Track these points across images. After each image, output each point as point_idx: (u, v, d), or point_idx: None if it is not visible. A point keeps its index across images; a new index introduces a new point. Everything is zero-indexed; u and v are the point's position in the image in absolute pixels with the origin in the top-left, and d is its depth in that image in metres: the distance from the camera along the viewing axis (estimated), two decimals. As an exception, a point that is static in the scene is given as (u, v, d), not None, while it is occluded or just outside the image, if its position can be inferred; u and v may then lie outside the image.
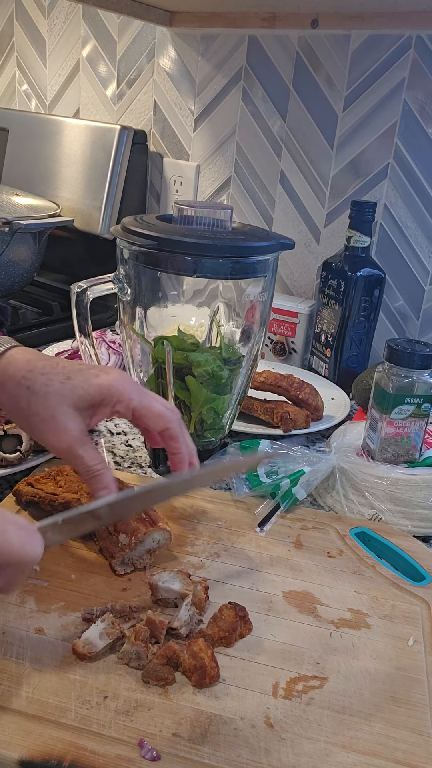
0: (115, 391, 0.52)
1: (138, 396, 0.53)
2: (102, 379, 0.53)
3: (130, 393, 0.53)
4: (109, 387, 0.52)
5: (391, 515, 0.67)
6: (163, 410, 0.54)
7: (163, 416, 0.54)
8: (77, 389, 0.52)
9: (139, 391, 0.54)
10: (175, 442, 0.55)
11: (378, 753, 0.42)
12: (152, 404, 0.54)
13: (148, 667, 0.45)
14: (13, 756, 0.39)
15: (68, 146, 1.23)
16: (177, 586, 0.52)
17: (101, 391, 0.52)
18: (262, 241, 0.65)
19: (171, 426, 0.55)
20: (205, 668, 0.45)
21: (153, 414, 0.54)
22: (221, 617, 0.50)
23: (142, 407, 0.53)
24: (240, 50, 1.13)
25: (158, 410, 0.54)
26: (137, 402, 0.53)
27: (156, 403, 0.55)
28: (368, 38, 1.02)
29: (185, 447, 0.56)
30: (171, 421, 0.55)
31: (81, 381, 0.52)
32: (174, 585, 0.52)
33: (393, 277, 1.09)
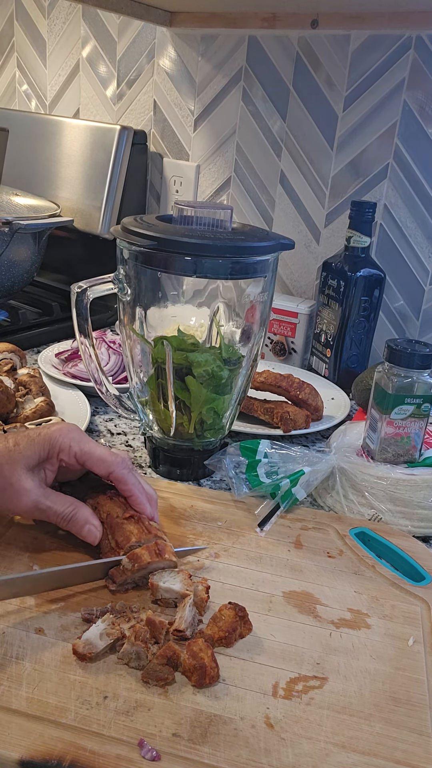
0: (55, 442, 0.55)
1: (78, 444, 0.56)
2: (44, 434, 0.56)
3: (70, 441, 0.56)
4: (50, 439, 0.55)
5: (391, 515, 0.67)
6: (105, 455, 0.57)
7: (104, 461, 0.56)
8: (25, 451, 0.55)
9: (80, 440, 0.56)
10: (123, 485, 0.57)
11: (378, 753, 0.42)
12: (93, 450, 0.56)
13: (148, 667, 0.45)
14: (13, 756, 0.39)
15: (68, 146, 1.23)
16: (178, 586, 0.52)
17: (44, 445, 0.55)
18: (262, 241, 0.65)
19: (114, 470, 0.57)
20: (205, 668, 0.45)
21: (95, 459, 0.56)
22: (221, 617, 0.50)
23: (83, 453, 0.56)
24: (240, 50, 1.13)
25: (99, 455, 0.56)
26: (77, 449, 0.56)
27: (99, 449, 0.57)
28: (368, 38, 1.02)
29: (137, 489, 0.58)
30: (113, 465, 0.57)
31: (26, 443, 0.55)
32: (175, 585, 0.52)
33: (393, 277, 1.09)
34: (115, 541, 0.56)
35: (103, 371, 0.72)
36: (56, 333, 1.12)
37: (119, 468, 0.57)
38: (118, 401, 0.74)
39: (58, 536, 0.60)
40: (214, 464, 0.72)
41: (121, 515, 0.57)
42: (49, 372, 0.92)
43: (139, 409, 0.75)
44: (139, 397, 0.74)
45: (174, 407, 0.69)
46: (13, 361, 0.85)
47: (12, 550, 0.57)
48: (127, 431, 0.85)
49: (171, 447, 0.73)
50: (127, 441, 0.83)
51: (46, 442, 0.55)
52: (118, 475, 0.57)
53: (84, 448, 0.56)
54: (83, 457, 0.56)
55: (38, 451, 0.55)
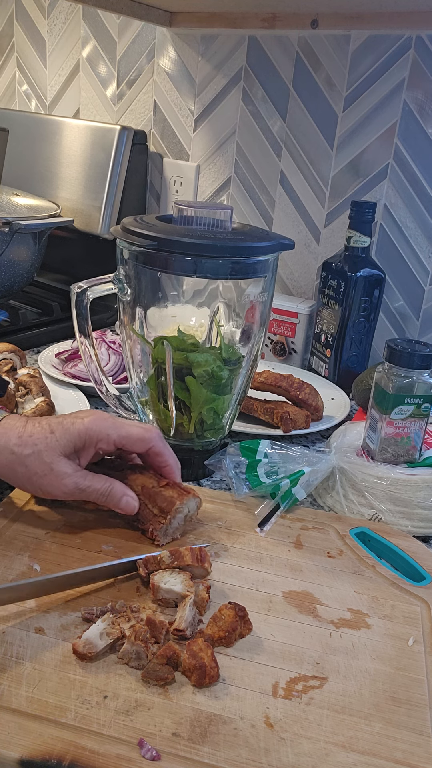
0: (93, 433, 0.59)
1: (115, 430, 0.60)
2: (78, 425, 0.59)
3: (107, 430, 0.59)
4: (87, 431, 0.59)
5: (391, 515, 0.67)
6: (141, 433, 0.61)
7: (143, 438, 0.61)
8: (61, 440, 0.58)
9: (115, 425, 0.60)
10: (161, 456, 0.62)
11: (378, 753, 0.42)
12: (130, 432, 0.60)
13: (148, 667, 0.45)
14: (13, 755, 0.39)
15: (68, 146, 1.23)
16: (179, 587, 0.52)
17: (80, 436, 0.59)
18: (262, 241, 0.65)
19: (154, 444, 0.61)
20: (204, 668, 0.45)
21: (134, 440, 0.60)
22: (221, 617, 0.50)
23: (121, 438, 0.60)
24: (240, 50, 1.13)
25: (138, 435, 0.60)
26: (116, 436, 0.60)
27: (134, 429, 0.61)
28: (368, 38, 1.02)
29: (172, 458, 0.63)
30: (152, 440, 0.61)
31: (62, 432, 0.58)
32: (176, 587, 0.52)
33: (393, 278, 1.09)
34: (158, 507, 0.60)
35: (103, 371, 0.72)
36: (56, 333, 1.12)
37: (157, 442, 0.61)
38: (118, 401, 0.74)
39: (58, 536, 0.60)
40: (214, 464, 0.72)
41: (157, 485, 0.62)
42: (49, 372, 0.92)
43: (139, 409, 0.75)
44: (139, 397, 0.74)
45: (174, 407, 0.69)
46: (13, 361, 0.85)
47: (12, 550, 0.57)
48: (127, 431, 0.85)
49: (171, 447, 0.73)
50: (127, 441, 0.83)
51: (82, 433, 0.58)
52: (156, 449, 0.61)
53: (122, 432, 0.59)
54: (122, 441, 0.60)
55: (74, 441, 0.58)
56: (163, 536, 0.60)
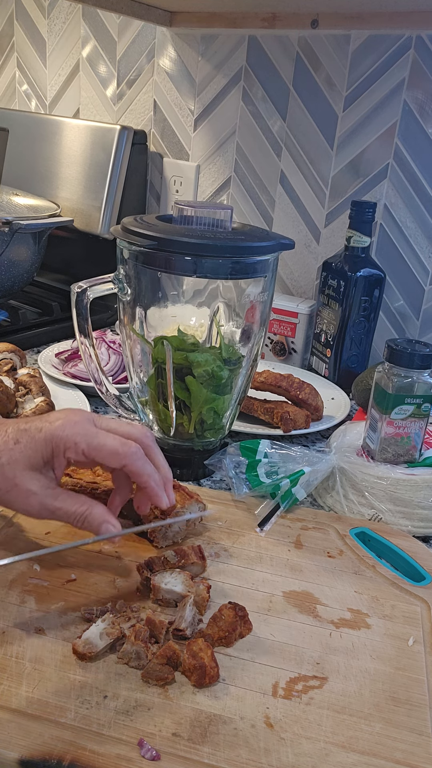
0: (59, 441, 0.50)
1: (85, 438, 0.51)
2: (44, 432, 0.51)
3: (76, 437, 0.50)
4: (52, 437, 0.50)
5: (391, 515, 0.67)
6: (116, 446, 0.51)
7: (117, 453, 0.51)
8: (26, 450, 0.50)
9: (87, 433, 0.51)
10: (137, 477, 0.53)
11: (377, 753, 0.42)
12: (104, 443, 0.51)
13: (148, 667, 0.45)
14: (13, 755, 0.39)
15: (68, 146, 1.23)
16: (180, 588, 0.52)
17: (47, 443, 0.51)
18: (262, 241, 0.65)
19: (128, 462, 0.51)
20: (204, 668, 0.45)
21: (106, 452, 0.51)
22: (221, 617, 0.50)
23: (91, 449, 0.51)
24: (240, 50, 1.13)
25: (111, 447, 0.51)
26: (85, 445, 0.51)
27: (108, 440, 0.51)
28: (368, 38, 1.02)
29: (152, 479, 0.53)
30: (126, 456, 0.51)
31: (27, 440, 0.51)
32: (177, 587, 0.52)
33: (393, 277, 1.09)
34: (159, 509, 0.58)
35: (103, 371, 0.72)
36: (56, 333, 1.12)
37: (132, 460, 0.51)
38: (118, 401, 0.74)
39: (58, 536, 0.60)
40: (214, 464, 0.72)
41: None
42: (49, 372, 0.92)
43: (139, 409, 0.75)
44: (139, 397, 0.74)
45: (174, 407, 0.69)
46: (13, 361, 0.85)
47: (12, 550, 0.57)
48: (127, 431, 0.85)
49: (171, 447, 0.73)
50: (127, 441, 0.83)
51: (48, 440, 0.51)
52: (131, 468, 0.52)
53: (92, 442, 0.51)
54: (92, 453, 0.51)
55: (41, 450, 0.51)
56: (162, 539, 0.60)
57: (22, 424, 0.52)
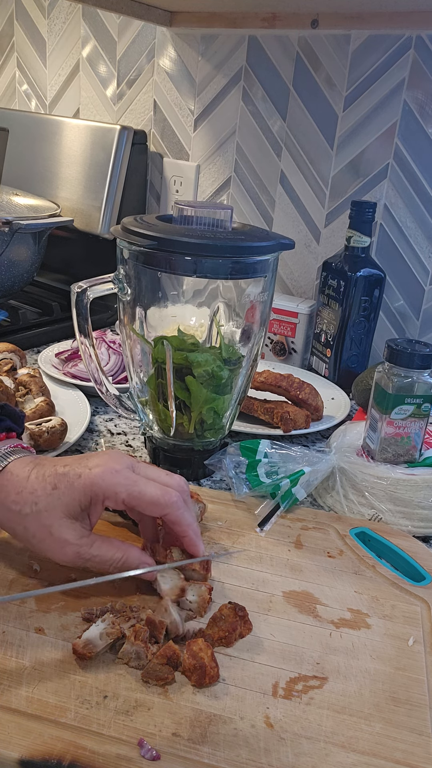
0: (99, 490, 0.50)
1: (125, 488, 0.50)
2: (84, 479, 0.50)
3: (116, 487, 0.50)
4: (92, 485, 0.50)
5: (391, 515, 0.67)
6: (157, 497, 0.51)
7: (157, 503, 0.51)
8: (64, 497, 0.50)
9: (128, 481, 0.51)
10: (178, 526, 0.52)
11: (377, 753, 0.42)
12: (144, 491, 0.51)
13: (148, 667, 0.45)
14: (13, 755, 0.39)
15: (68, 146, 1.23)
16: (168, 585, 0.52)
17: (86, 492, 0.50)
18: (262, 241, 0.65)
19: (170, 512, 0.51)
20: (204, 668, 0.45)
21: (146, 502, 0.51)
22: (221, 617, 0.50)
23: (131, 498, 0.50)
24: (240, 50, 1.13)
25: (151, 497, 0.51)
26: (125, 494, 0.50)
27: (149, 489, 0.51)
28: (368, 38, 1.02)
29: (191, 528, 0.53)
30: (168, 506, 0.51)
31: (65, 487, 0.50)
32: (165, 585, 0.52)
33: (393, 277, 1.09)
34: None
35: (103, 371, 0.72)
36: (56, 333, 1.12)
37: (174, 509, 0.51)
38: (118, 401, 0.74)
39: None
40: (214, 464, 0.72)
41: None
42: (49, 372, 0.92)
43: (139, 409, 0.75)
44: (139, 397, 0.74)
45: (174, 407, 0.69)
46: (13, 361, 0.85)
47: (12, 550, 0.57)
48: (127, 431, 0.85)
49: (171, 447, 0.73)
50: (127, 441, 0.83)
51: (88, 488, 0.50)
52: (172, 518, 0.52)
53: (133, 492, 0.50)
54: (132, 503, 0.51)
55: (79, 498, 0.50)
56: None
57: (60, 467, 0.51)
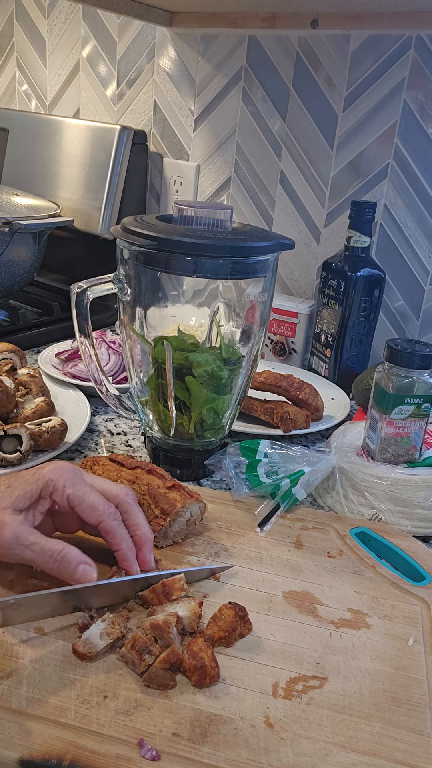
0: (48, 482, 0.52)
1: (72, 485, 0.53)
2: (36, 475, 0.53)
3: (65, 481, 0.52)
4: (43, 478, 0.52)
5: (391, 515, 0.67)
6: (96, 502, 0.53)
7: (95, 508, 0.52)
8: (15, 491, 0.52)
9: (75, 481, 0.53)
10: (111, 537, 0.53)
11: (378, 753, 0.42)
12: (84, 494, 0.52)
13: (150, 672, 0.45)
14: (13, 755, 0.39)
15: (68, 146, 1.23)
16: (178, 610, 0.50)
17: (37, 483, 0.52)
18: (262, 241, 0.65)
19: (103, 521, 0.53)
20: (205, 668, 0.45)
21: (85, 505, 0.52)
22: (221, 617, 0.50)
23: (75, 497, 0.52)
24: (240, 50, 1.13)
25: (90, 501, 0.52)
26: (71, 490, 0.52)
27: (90, 494, 0.53)
28: (368, 38, 1.02)
29: (125, 543, 0.53)
30: (103, 514, 0.53)
31: (19, 483, 0.53)
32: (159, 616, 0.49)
33: (393, 277, 1.09)
34: (160, 509, 0.60)
35: (103, 371, 0.72)
36: (56, 333, 1.12)
37: (108, 519, 0.53)
38: (118, 401, 0.74)
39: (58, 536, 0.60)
40: (214, 464, 0.72)
41: (163, 485, 0.61)
42: (49, 372, 0.92)
43: (139, 409, 0.75)
44: (139, 397, 0.74)
45: (174, 407, 0.69)
46: (13, 361, 0.85)
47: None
48: (127, 431, 0.85)
49: (171, 447, 0.74)
50: (127, 441, 0.83)
51: (39, 480, 0.53)
52: (106, 526, 0.53)
53: (77, 492, 0.52)
54: (74, 501, 0.52)
55: (30, 490, 0.52)
56: (162, 539, 0.60)
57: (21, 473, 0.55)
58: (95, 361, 0.70)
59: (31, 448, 0.70)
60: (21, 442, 0.70)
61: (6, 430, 0.70)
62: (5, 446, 0.69)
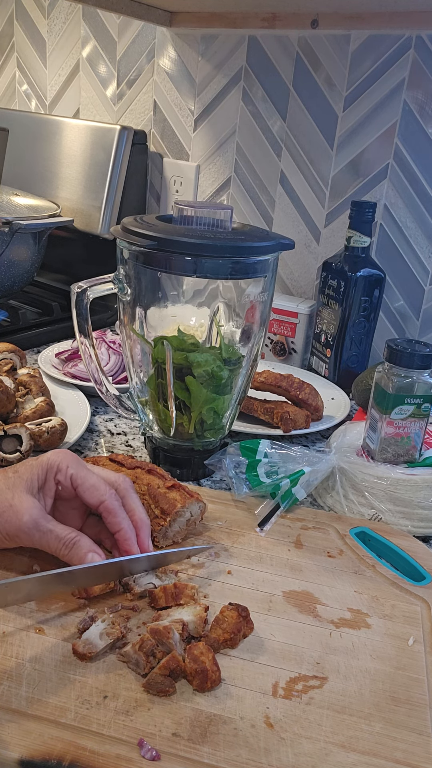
0: (52, 463, 0.55)
1: (75, 466, 0.55)
2: (40, 459, 0.56)
3: (68, 462, 0.55)
4: (47, 461, 0.55)
5: (391, 515, 0.67)
6: (97, 483, 0.55)
7: (96, 488, 0.55)
8: (24, 475, 0.54)
9: (77, 463, 0.56)
10: (112, 516, 0.55)
11: (377, 753, 0.42)
12: (88, 476, 0.55)
13: (150, 678, 0.45)
14: (13, 756, 0.39)
15: (68, 146, 1.23)
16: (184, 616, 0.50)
17: (42, 467, 0.55)
18: (262, 241, 0.65)
19: (105, 500, 0.54)
20: (206, 672, 0.45)
21: (87, 486, 0.55)
22: (224, 619, 0.49)
23: (77, 477, 0.55)
24: (240, 50, 1.13)
25: (92, 482, 0.55)
26: (74, 470, 0.55)
27: (92, 476, 0.55)
28: (368, 38, 1.02)
29: (126, 522, 0.55)
30: (104, 494, 0.55)
31: (25, 469, 0.55)
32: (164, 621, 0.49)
33: (393, 277, 1.09)
34: (160, 508, 0.60)
35: (103, 371, 0.72)
36: (56, 333, 1.12)
37: (110, 499, 0.55)
38: (118, 401, 0.74)
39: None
40: (214, 464, 0.72)
41: (163, 485, 0.62)
42: (49, 372, 0.92)
43: (139, 409, 0.75)
44: (139, 397, 0.74)
45: (174, 407, 0.69)
46: (13, 361, 0.85)
47: (12, 550, 0.57)
48: (127, 431, 0.85)
49: (171, 447, 0.73)
50: (127, 441, 0.83)
51: (43, 463, 0.55)
52: (108, 505, 0.55)
53: (79, 472, 0.55)
54: (77, 481, 0.55)
55: (37, 473, 0.55)
56: (162, 538, 0.60)
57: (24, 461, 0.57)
58: (95, 361, 0.70)
59: (31, 448, 0.70)
60: (21, 442, 0.70)
61: (6, 430, 0.70)
62: (5, 446, 0.69)
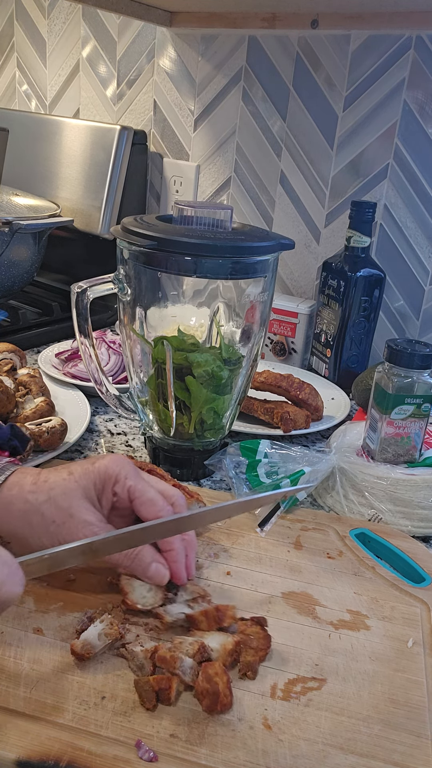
0: (111, 472, 0.52)
1: (134, 476, 0.53)
2: (98, 464, 0.53)
3: (127, 473, 0.52)
4: (105, 469, 0.52)
5: (391, 515, 0.67)
6: (155, 497, 0.52)
7: (154, 503, 0.52)
8: (81, 481, 0.52)
9: (136, 473, 0.53)
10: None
11: (376, 755, 0.42)
12: (146, 489, 0.52)
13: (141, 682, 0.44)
14: (10, 756, 0.39)
15: (68, 146, 1.23)
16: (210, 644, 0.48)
17: (100, 474, 0.52)
18: (262, 241, 0.65)
19: (162, 515, 0.52)
20: (218, 695, 0.43)
21: (145, 498, 0.52)
22: (250, 637, 0.48)
23: (136, 489, 0.52)
24: (240, 50, 1.13)
25: (151, 496, 0.52)
26: (132, 482, 0.52)
27: (150, 489, 0.53)
28: (368, 38, 1.02)
29: (178, 542, 0.53)
30: (162, 510, 0.52)
31: (81, 472, 0.52)
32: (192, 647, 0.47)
33: (393, 277, 1.09)
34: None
35: (103, 371, 0.72)
36: (56, 333, 1.12)
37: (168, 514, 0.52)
38: (118, 401, 0.74)
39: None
40: (214, 464, 0.72)
41: None
42: (49, 372, 0.92)
43: (139, 409, 0.75)
44: (139, 397, 0.74)
45: (174, 407, 0.69)
46: (13, 361, 0.85)
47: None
48: (127, 431, 0.85)
49: (171, 447, 0.73)
50: (127, 441, 0.83)
51: (101, 471, 0.52)
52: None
53: (138, 484, 0.52)
54: (134, 494, 0.52)
55: (94, 480, 0.52)
56: None
57: (74, 463, 0.54)
58: (95, 361, 0.70)
59: (31, 448, 0.70)
60: (20, 443, 0.70)
61: (5, 430, 0.70)
62: (4, 446, 0.69)
